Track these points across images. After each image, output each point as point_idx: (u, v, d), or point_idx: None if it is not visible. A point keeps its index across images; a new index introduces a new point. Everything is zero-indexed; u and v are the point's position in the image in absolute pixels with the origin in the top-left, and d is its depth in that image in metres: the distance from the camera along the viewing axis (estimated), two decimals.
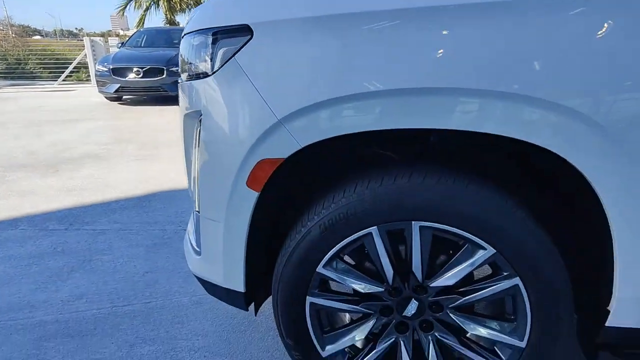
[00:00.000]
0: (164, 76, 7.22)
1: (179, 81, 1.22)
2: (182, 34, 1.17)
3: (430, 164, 1.01)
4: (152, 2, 19.44)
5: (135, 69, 7.20)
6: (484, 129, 0.85)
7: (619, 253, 0.86)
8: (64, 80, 11.62)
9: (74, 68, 11.84)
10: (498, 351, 1.04)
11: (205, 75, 1.03)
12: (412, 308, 1.06)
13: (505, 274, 0.95)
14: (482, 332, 1.03)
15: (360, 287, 1.05)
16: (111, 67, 7.26)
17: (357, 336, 1.10)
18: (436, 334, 1.07)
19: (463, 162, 1.04)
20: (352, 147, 1.09)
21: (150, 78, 7.25)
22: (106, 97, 7.92)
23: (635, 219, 0.83)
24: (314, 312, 1.09)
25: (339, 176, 1.07)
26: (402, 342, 1.09)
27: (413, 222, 0.95)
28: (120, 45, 9.08)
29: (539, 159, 0.97)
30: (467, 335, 1.08)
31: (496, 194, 0.92)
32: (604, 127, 0.79)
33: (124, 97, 8.08)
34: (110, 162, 3.99)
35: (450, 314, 1.04)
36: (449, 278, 0.99)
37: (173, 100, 7.69)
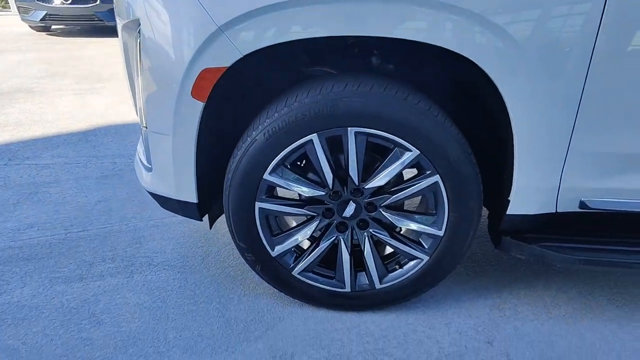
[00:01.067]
0: (97, 3, 6.51)
1: None
2: None
3: (364, 74, 1.09)
4: None
5: None
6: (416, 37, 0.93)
7: (517, 149, 1.02)
8: None
9: None
10: (422, 241, 1.23)
11: None
12: (350, 210, 1.19)
13: (427, 172, 1.10)
14: (409, 225, 1.20)
15: (305, 191, 1.16)
16: None
17: (302, 236, 1.24)
18: (371, 231, 1.22)
19: (395, 73, 1.13)
20: (293, 61, 1.14)
21: (80, 5, 6.52)
22: (31, 27, 7.06)
23: (530, 119, 0.98)
24: (263, 216, 1.20)
25: (282, 87, 1.13)
26: (341, 240, 1.24)
27: (349, 128, 1.04)
28: None
29: (452, 65, 1.08)
30: (397, 230, 1.26)
31: (421, 101, 1.03)
32: (517, 40, 0.90)
33: (53, 27, 7.24)
34: (46, 96, 3.71)
35: (383, 212, 1.19)
36: (381, 179, 1.12)
37: (110, 32, 7.02)
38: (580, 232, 1.22)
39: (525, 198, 1.11)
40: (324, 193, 1.17)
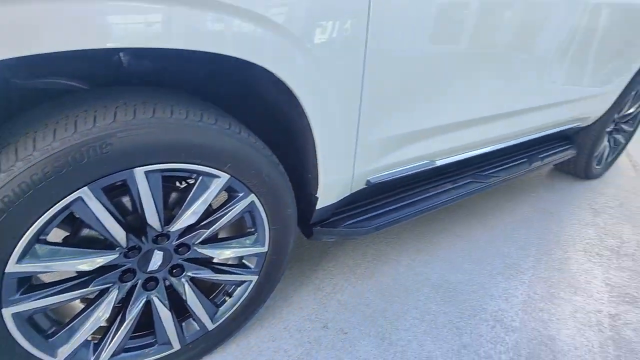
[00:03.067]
0: None
1: None
2: None
3: (129, 90, 0.82)
4: None
5: None
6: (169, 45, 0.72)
7: (320, 151, 1.04)
8: None
9: None
10: (247, 263, 1.12)
11: None
12: (157, 260, 0.95)
13: (241, 194, 0.97)
14: (231, 253, 1.06)
15: (86, 265, 0.83)
16: None
17: (100, 317, 0.90)
18: (189, 274, 1.02)
19: (174, 85, 0.91)
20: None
21: None
22: None
23: (327, 117, 1.00)
24: (22, 321, 0.79)
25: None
26: (155, 298, 0.98)
27: (135, 169, 0.78)
28: None
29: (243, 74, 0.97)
30: (216, 260, 1.10)
31: (218, 119, 0.87)
32: (299, 37, 0.84)
33: None
34: None
35: (199, 250, 1.00)
36: (190, 216, 0.92)
37: None
38: (367, 204, 1.42)
39: (330, 191, 1.17)
40: (115, 256, 0.86)
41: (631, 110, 2.54)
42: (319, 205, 1.19)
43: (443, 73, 1.21)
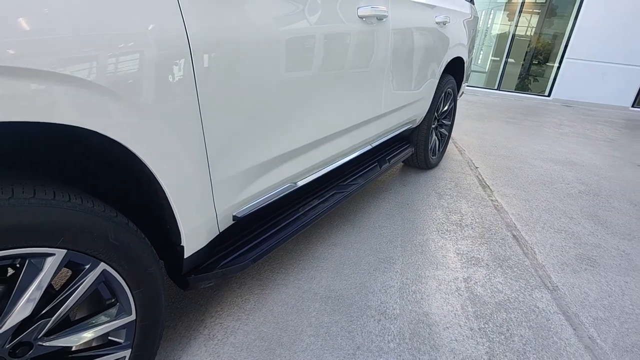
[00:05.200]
0: None
1: None
2: None
3: None
4: None
5: None
6: None
7: (174, 202, 1.00)
8: None
9: None
10: (114, 339, 1.00)
11: None
12: None
13: (87, 266, 0.87)
14: (92, 334, 0.93)
15: None
16: None
17: None
18: None
19: None
20: None
21: None
22: None
23: (172, 166, 0.97)
24: None
25: None
26: None
27: None
28: None
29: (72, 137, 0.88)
30: (75, 348, 0.95)
31: (37, 191, 0.77)
32: (115, 91, 0.80)
33: None
34: None
35: (45, 344, 0.85)
36: (22, 309, 0.78)
37: None
38: (240, 238, 1.41)
39: (195, 237, 1.13)
40: None
41: (446, 108, 3.11)
42: (187, 254, 1.13)
43: (285, 102, 1.30)
